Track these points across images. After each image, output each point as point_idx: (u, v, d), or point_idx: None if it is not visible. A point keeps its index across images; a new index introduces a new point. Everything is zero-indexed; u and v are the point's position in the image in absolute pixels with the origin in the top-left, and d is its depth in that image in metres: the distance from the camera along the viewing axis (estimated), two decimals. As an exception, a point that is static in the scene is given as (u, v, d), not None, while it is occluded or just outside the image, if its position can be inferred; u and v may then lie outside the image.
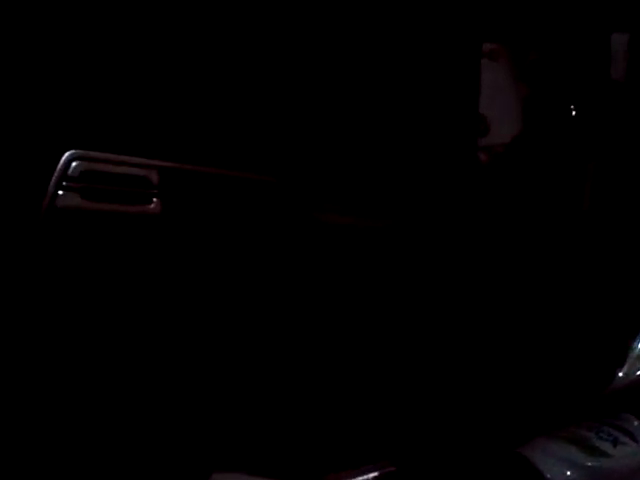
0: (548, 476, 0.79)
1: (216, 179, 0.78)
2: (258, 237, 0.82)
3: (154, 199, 0.75)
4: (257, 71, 0.83)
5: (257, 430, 0.81)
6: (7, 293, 0.70)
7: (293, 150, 0.85)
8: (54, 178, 0.69)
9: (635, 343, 0.96)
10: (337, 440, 0.83)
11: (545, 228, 1.02)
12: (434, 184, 0.96)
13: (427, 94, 0.95)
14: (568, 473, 0.79)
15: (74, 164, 0.70)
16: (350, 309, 0.88)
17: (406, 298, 0.92)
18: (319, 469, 0.79)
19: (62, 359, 0.73)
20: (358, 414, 0.86)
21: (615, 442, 0.82)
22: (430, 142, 0.95)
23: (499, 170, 1.03)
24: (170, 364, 0.78)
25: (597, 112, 1.06)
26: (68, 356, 0.73)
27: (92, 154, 0.71)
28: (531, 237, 1.01)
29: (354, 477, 0.79)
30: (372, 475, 0.80)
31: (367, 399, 0.87)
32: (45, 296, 0.72)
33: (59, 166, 0.70)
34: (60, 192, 0.70)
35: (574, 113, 1.06)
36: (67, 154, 0.70)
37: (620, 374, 0.94)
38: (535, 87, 1.05)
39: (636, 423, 0.85)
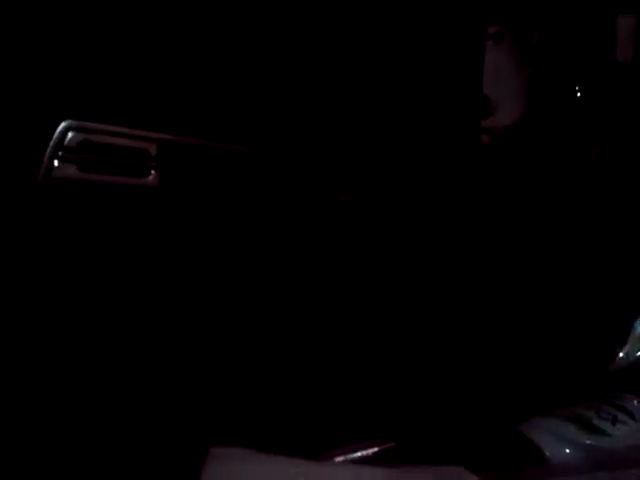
0: (547, 454, 0.79)
1: (215, 152, 0.78)
2: (255, 211, 0.81)
3: (152, 171, 0.75)
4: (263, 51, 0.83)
5: (256, 406, 0.81)
6: (2, 265, 0.70)
7: (290, 124, 0.85)
8: (50, 148, 0.69)
9: (636, 323, 0.96)
10: (336, 416, 0.83)
11: (547, 209, 1.02)
12: (435, 165, 0.95)
13: (431, 76, 0.94)
14: (567, 451, 0.79)
15: (70, 135, 0.70)
16: (348, 287, 0.88)
17: (405, 276, 0.91)
18: (318, 445, 0.79)
19: (59, 333, 0.74)
20: (357, 390, 0.86)
21: (614, 421, 0.82)
22: (432, 123, 0.95)
23: (501, 152, 1.03)
24: (168, 339, 0.78)
25: (602, 95, 1.05)
26: (65, 330, 0.74)
27: (89, 125, 0.71)
28: (533, 217, 1.01)
29: (353, 453, 0.79)
30: (371, 451, 0.80)
31: (366, 376, 0.87)
32: (41, 268, 0.72)
33: (55, 136, 0.69)
34: (56, 163, 0.70)
35: (579, 95, 1.05)
36: (63, 124, 0.70)
37: (621, 354, 0.94)
38: (540, 69, 1.05)
39: (636, 402, 0.85)
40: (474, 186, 0.99)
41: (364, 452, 0.79)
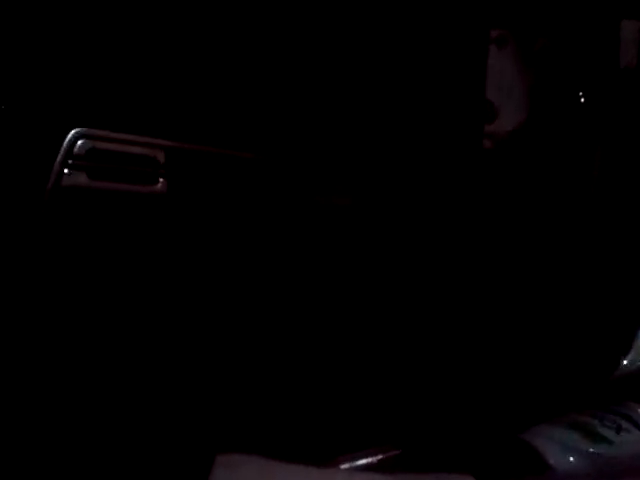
0: (551, 462, 0.79)
1: (221, 158, 0.78)
2: (263, 218, 0.81)
3: (160, 179, 0.75)
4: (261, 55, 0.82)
5: (262, 413, 0.81)
6: (12, 273, 0.70)
7: (292, 130, 0.85)
8: (60, 156, 0.69)
9: (640, 331, 0.96)
10: (341, 423, 0.83)
11: (550, 215, 1.02)
12: (438, 169, 0.95)
13: (433, 80, 0.94)
14: (571, 459, 0.79)
15: (80, 142, 0.70)
16: (350, 294, 0.87)
17: (408, 281, 0.91)
18: (323, 452, 0.79)
19: (69, 341, 0.73)
20: (362, 397, 0.86)
21: (618, 429, 0.82)
22: (435, 128, 0.95)
23: (504, 157, 1.03)
24: (175, 345, 0.78)
25: (605, 100, 1.05)
26: (74, 337, 0.73)
27: (98, 132, 0.71)
28: (536, 222, 1.01)
29: (358, 460, 0.79)
30: (376, 458, 0.80)
31: (370, 383, 0.87)
32: (51, 276, 0.72)
33: (64, 144, 0.69)
34: (66, 171, 0.70)
35: (582, 100, 1.05)
36: (73, 132, 0.70)
37: (625, 362, 0.94)
38: (543, 74, 1.05)
39: (640, 410, 0.85)
40: (477, 191, 0.99)
41: (369, 459, 0.79)
